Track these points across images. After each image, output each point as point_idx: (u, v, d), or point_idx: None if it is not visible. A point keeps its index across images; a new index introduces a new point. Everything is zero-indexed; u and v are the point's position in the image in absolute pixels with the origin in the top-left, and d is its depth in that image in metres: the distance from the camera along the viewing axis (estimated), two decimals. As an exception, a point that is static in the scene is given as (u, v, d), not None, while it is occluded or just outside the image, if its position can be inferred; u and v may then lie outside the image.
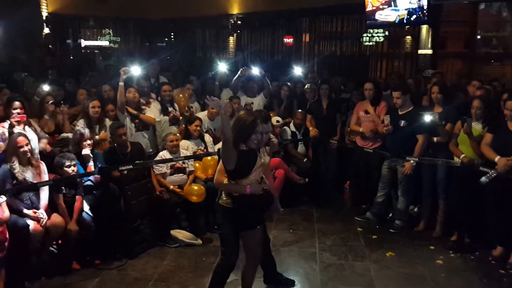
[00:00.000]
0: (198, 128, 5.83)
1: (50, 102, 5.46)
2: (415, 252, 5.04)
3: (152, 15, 14.09)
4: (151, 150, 5.90)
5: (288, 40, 13.19)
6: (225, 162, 3.48)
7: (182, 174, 5.53)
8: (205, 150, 5.86)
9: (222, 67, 7.75)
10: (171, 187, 5.36)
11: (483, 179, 4.50)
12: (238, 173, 3.47)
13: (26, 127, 4.88)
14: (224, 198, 3.61)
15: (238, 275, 3.91)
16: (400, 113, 5.55)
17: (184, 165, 5.55)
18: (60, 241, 4.54)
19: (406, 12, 9.33)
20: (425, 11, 8.88)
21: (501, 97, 5.19)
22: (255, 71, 7.14)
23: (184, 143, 5.75)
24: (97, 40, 15.38)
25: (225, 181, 3.54)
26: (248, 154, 3.47)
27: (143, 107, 5.96)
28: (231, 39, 14.02)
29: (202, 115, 6.32)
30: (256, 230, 3.62)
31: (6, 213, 4.01)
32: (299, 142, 6.78)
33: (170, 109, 6.25)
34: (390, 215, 5.96)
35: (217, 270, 3.81)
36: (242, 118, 3.51)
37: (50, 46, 11.34)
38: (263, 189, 3.53)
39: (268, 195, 3.58)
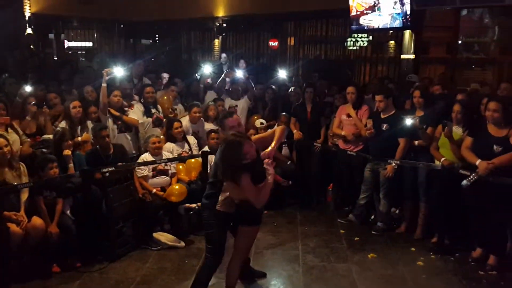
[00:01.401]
0: (180, 129, 5.81)
1: (32, 103, 5.40)
2: (397, 254, 5.10)
3: (138, 16, 14.01)
4: (134, 152, 5.88)
5: (273, 43, 13.23)
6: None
7: (164, 176, 5.50)
8: (189, 152, 5.85)
9: (207, 69, 7.75)
10: (154, 190, 5.33)
11: (465, 182, 4.56)
12: (257, 180, 3.47)
13: (9, 128, 4.82)
14: (221, 204, 3.68)
15: (220, 276, 3.91)
16: (382, 116, 5.62)
17: (166, 167, 5.53)
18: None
19: (389, 17, 9.43)
20: (408, 16, 8.98)
21: (481, 102, 5.28)
22: (239, 74, 7.16)
23: (168, 145, 5.73)
24: (80, 41, 15.26)
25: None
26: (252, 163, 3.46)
27: (126, 109, 5.93)
28: (217, 42, 14.02)
29: (185, 119, 6.30)
30: (256, 227, 3.80)
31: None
32: (283, 145, 6.80)
33: (153, 110, 6.23)
34: (372, 217, 6.02)
35: (202, 270, 3.84)
36: (229, 144, 3.46)
37: (32, 46, 11.18)
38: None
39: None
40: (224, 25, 13.51)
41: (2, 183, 4.29)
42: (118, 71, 6.09)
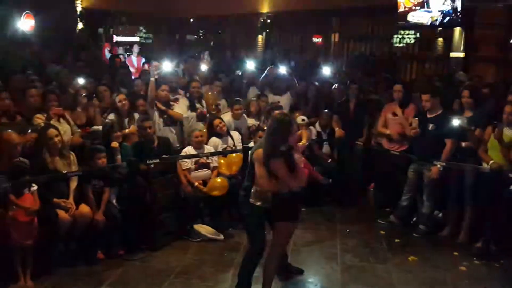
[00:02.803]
0: (221, 125, 5.87)
1: (83, 95, 5.62)
2: (438, 258, 4.98)
3: (184, 12, 14.26)
4: (178, 145, 5.99)
5: (317, 39, 13.14)
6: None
7: (206, 170, 5.59)
8: (233, 147, 5.92)
9: (250, 65, 7.79)
10: (196, 183, 5.43)
11: (512, 187, 4.41)
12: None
13: (61, 119, 5.04)
14: (253, 196, 3.73)
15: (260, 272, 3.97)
16: (428, 116, 5.48)
17: (208, 161, 5.62)
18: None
19: (439, 13, 9.17)
20: (458, 13, 8.72)
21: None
22: (283, 70, 7.16)
23: (214, 140, 5.81)
24: (129, 36, 15.69)
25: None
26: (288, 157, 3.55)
27: (172, 103, 6.06)
28: (260, 38, 14.06)
29: (228, 115, 6.37)
30: (292, 224, 3.78)
31: (37, 202, 4.16)
32: (324, 143, 6.76)
33: (197, 105, 6.33)
34: (414, 219, 5.89)
35: (244, 262, 3.93)
36: (279, 120, 3.60)
37: (83, 41, 11.61)
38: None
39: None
40: (269, 21, 13.53)
41: (53, 171, 4.49)
42: (166, 66, 6.23)
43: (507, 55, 9.50)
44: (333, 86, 7.13)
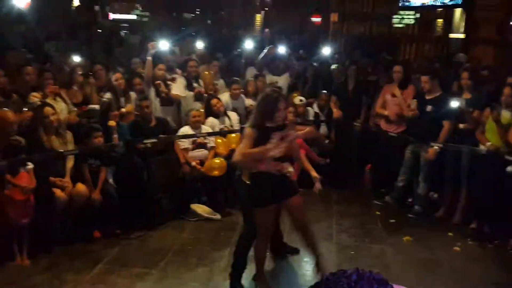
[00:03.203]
0: (219, 105, 5.84)
1: (80, 73, 5.57)
2: (433, 238, 5.01)
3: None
4: (174, 125, 5.97)
5: (316, 19, 13.01)
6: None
7: (203, 150, 5.58)
8: (230, 127, 5.89)
9: (249, 44, 7.71)
10: (193, 163, 5.43)
11: (510, 168, 4.42)
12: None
13: (57, 97, 5.00)
14: (244, 174, 3.74)
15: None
16: (427, 97, 5.45)
17: (205, 141, 5.60)
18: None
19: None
20: (459, -6, 8.63)
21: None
22: (281, 50, 7.10)
23: (211, 120, 5.78)
24: (125, 14, 15.50)
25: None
26: (265, 134, 3.52)
27: (169, 82, 6.01)
28: (258, 17, 13.91)
29: (226, 95, 6.32)
30: (266, 209, 3.64)
31: (33, 180, 4.15)
32: (322, 124, 6.74)
33: (195, 85, 6.28)
34: (410, 200, 5.92)
35: (241, 240, 3.95)
36: (266, 96, 3.63)
37: (79, 18, 11.46)
38: (279, 171, 3.57)
39: (283, 180, 3.61)
40: (267, -1, 13.38)
41: (49, 150, 4.47)
42: (163, 45, 6.16)
43: (506, 37, 9.43)
44: (332, 67, 7.08)
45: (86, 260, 4.28)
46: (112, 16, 14.97)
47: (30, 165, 4.16)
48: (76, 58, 6.29)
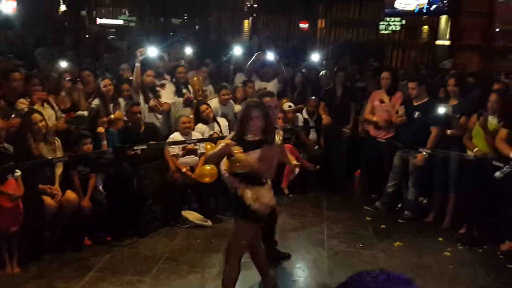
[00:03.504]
0: (208, 111, 5.83)
1: (67, 79, 5.52)
2: (423, 243, 5.06)
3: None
4: (163, 131, 5.93)
5: (304, 25, 13.09)
6: None
7: (193, 156, 5.56)
8: (220, 133, 5.88)
9: (237, 51, 7.72)
10: (184, 169, 5.40)
11: (498, 174, 4.49)
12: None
13: (45, 104, 4.95)
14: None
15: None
16: (415, 104, 5.53)
17: (195, 147, 5.59)
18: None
19: (426, 1, 9.19)
20: (445, 1, 8.76)
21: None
22: (270, 56, 7.12)
23: (200, 126, 5.77)
24: (112, 19, 15.42)
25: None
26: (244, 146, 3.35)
27: (158, 89, 5.99)
28: (246, 23, 13.96)
29: (215, 101, 6.32)
30: (250, 225, 3.42)
31: (21, 187, 4.09)
32: (311, 130, 6.77)
33: (184, 91, 6.27)
34: (400, 205, 5.97)
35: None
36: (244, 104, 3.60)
37: (66, 23, 11.36)
38: (232, 187, 3.44)
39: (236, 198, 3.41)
40: (255, 5, 13.42)
41: (38, 157, 4.42)
42: (152, 51, 6.13)
43: (490, 43, 9.60)
44: (321, 73, 7.13)
45: (77, 268, 4.23)
46: (99, 21, 14.87)
47: (18, 172, 4.11)
48: (63, 64, 6.23)
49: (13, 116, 4.57)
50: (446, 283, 4.28)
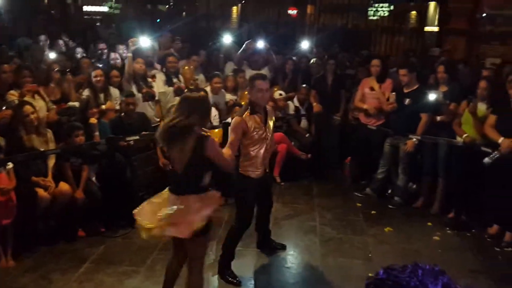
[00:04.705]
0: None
1: (56, 70, 5.46)
2: (413, 228, 5.16)
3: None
4: (158, 120, 5.92)
5: (292, 11, 13.03)
6: None
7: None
8: (210, 123, 5.88)
9: (227, 39, 7.68)
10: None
11: (486, 159, 4.57)
12: None
13: (35, 95, 4.91)
14: (242, 166, 3.85)
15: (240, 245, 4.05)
16: (405, 91, 5.57)
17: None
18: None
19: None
20: (433, -13, 8.77)
21: (507, 79, 5.21)
22: (260, 44, 7.11)
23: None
24: (98, 6, 15.18)
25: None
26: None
27: (150, 79, 5.97)
28: (235, 9, 13.84)
29: (206, 90, 6.29)
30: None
31: (13, 180, 4.08)
32: (302, 118, 6.81)
33: (175, 80, 6.24)
34: (389, 191, 6.05)
35: (229, 233, 4.02)
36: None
37: (52, 12, 11.18)
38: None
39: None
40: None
41: (30, 149, 4.40)
42: (144, 41, 6.08)
43: (476, 28, 9.64)
44: (311, 61, 7.14)
45: (72, 260, 4.25)
46: (84, 8, 14.64)
47: (10, 165, 4.09)
48: (52, 55, 6.16)
49: (4, 108, 4.54)
50: (436, 267, 4.37)
